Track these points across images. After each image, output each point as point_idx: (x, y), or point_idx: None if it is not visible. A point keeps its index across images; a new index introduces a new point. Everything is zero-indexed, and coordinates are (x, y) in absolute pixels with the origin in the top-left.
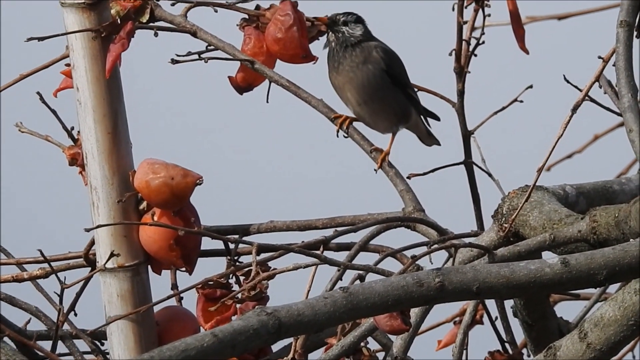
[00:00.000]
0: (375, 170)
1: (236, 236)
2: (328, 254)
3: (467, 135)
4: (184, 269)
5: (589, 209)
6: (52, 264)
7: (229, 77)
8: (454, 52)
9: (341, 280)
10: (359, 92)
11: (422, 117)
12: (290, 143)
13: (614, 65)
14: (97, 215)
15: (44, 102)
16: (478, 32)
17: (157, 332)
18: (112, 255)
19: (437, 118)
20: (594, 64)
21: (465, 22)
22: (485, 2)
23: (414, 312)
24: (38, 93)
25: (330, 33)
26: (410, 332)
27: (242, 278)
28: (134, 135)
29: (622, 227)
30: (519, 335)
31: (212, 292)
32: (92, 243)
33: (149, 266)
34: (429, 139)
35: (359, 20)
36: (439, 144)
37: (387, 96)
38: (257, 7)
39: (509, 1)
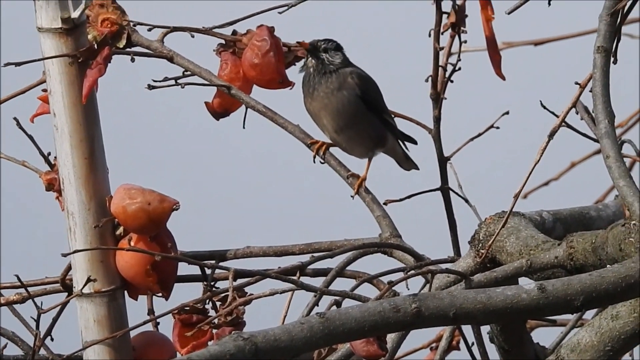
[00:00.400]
0: (352, 196)
1: (213, 262)
2: (305, 279)
3: (443, 161)
4: (160, 294)
5: (566, 235)
6: (29, 289)
7: (206, 103)
8: (430, 79)
9: (318, 305)
10: (334, 118)
11: (399, 141)
12: (267, 169)
13: (590, 91)
14: (74, 241)
15: (20, 127)
16: (454, 58)
17: (134, 358)
18: (88, 280)
19: (414, 142)
20: (570, 90)
21: (442, 48)
22: (462, 28)
23: (391, 338)
24: (15, 119)
25: (310, 59)
26: (386, 358)
27: (218, 303)
28: (111, 161)
29: (599, 253)
30: None
31: (189, 317)
32: (69, 268)
33: (126, 291)
34: (407, 163)
35: (338, 47)
36: (418, 168)
37: (362, 122)
38: (234, 33)
39: (485, 27)
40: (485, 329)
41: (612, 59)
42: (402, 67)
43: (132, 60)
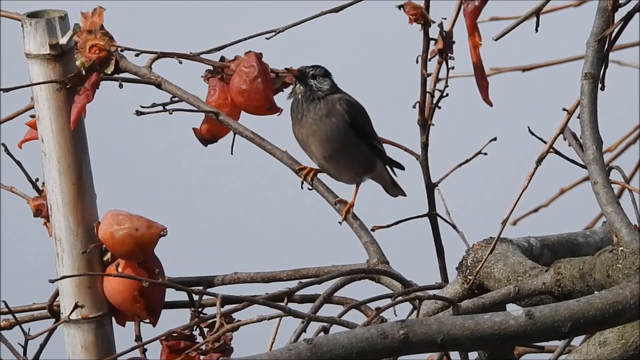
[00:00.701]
0: (340, 222)
1: (200, 288)
2: (292, 305)
3: (431, 187)
4: (148, 320)
5: (554, 261)
6: (16, 315)
7: (194, 129)
8: (417, 105)
9: (305, 332)
10: (323, 144)
11: (387, 167)
12: (254, 194)
13: (578, 117)
14: (62, 267)
15: (8, 153)
16: (442, 84)
17: None
18: (76, 306)
19: (401, 168)
20: (558, 116)
21: (429, 75)
22: (449, 54)
23: None
24: (3, 144)
25: (298, 85)
26: None
27: (206, 330)
28: (99, 187)
29: (586, 279)
30: None
31: (176, 343)
32: (57, 294)
33: (113, 317)
34: (394, 190)
35: (326, 74)
36: (405, 195)
37: (351, 148)
38: (222, 59)
39: (472, 53)
40: (473, 355)
41: (599, 86)
42: (390, 93)
43: (120, 86)
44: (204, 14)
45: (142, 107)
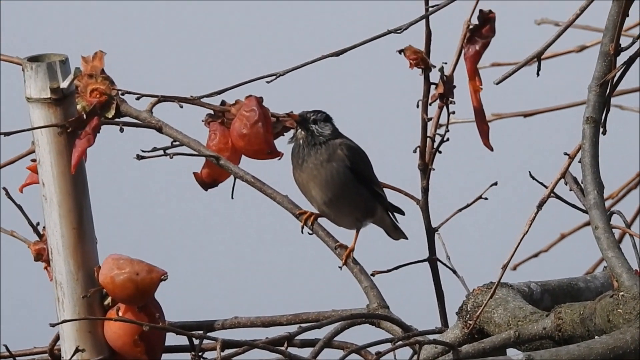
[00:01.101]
0: (340, 267)
1: (201, 332)
2: (292, 350)
3: (431, 231)
4: None
5: (554, 306)
6: (18, 359)
7: (194, 173)
8: (418, 149)
9: None
10: (323, 189)
11: (388, 211)
12: (255, 239)
13: (579, 161)
14: (62, 311)
15: (9, 197)
16: (443, 129)
17: None
18: (77, 350)
19: (401, 212)
20: (559, 161)
21: (430, 119)
22: (450, 99)
23: None
24: (4, 188)
25: (300, 130)
26: None
27: None
28: (99, 231)
29: (587, 324)
30: None
31: None
32: (57, 338)
33: None
34: (395, 233)
35: (327, 118)
36: (406, 238)
37: (351, 193)
38: (223, 103)
39: (473, 98)
40: None
41: (601, 130)
42: (390, 138)
43: (121, 130)
44: (205, 57)
45: (143, 151)
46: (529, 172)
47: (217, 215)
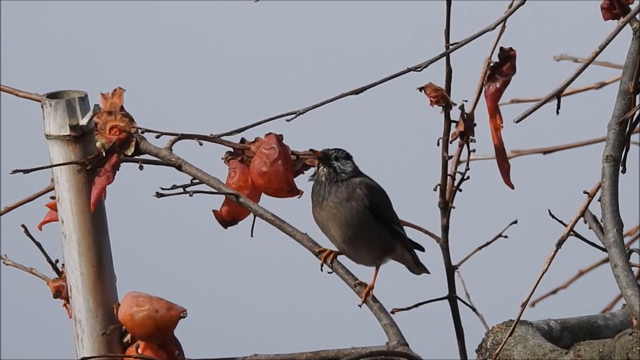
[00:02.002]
0: (359, 305)
1: None
2: None
3: (451, 269)
4: None
5: (574, 343)
6: None
7: (214, 211)
8: (438, 187)
9: None
10: (342, 228)
11: (408, 248)
12: (274, 277)
13: (599, 200)
14: (82, 348)
15: (28, 234)
16: (463, 167)
17: None
18: None
19: (421, 249)
20: (579, 199)
21: (450, 157)
22: (470, 136)
23: None
24: (23, 226)
25: (322, 167)
26: None
27: None
28: (118, 268)
29: None
30: None
31: None
32: None
33: None
34: (417, 269)
35: (348, 156)
36: (428, 272)
37: (370, 232)
38: (242, 141)
39: (494, 135)
40: None
41: (621, 168)
42: (411, 176)
43: (141, 168)
44: (224, 95)
45: (163, 189)
46: (549, 210)
47: (237, 254)
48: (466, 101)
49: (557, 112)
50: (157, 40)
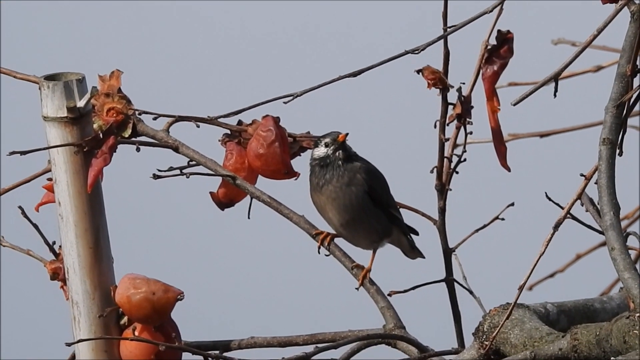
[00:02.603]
0: (356, 288)
1: (217, 352)
2: None
3: (448, 252)
4: None
5: (570, 327)
6: None
7: (211, 193)
8: (435, 170)
9: None
10: (341, 213)
11: (404, 233)
12: (271, 259)
13: (596, 183)
14: (78, 330)
15: (25, 216)
16: (460, 150)
17: None
18: None
19: (415, 233)
20: (576, 182)
21: (447, 140)
22: (467, 119)
23: None
24: (20, 207)
25: (338, 151)
26: None
27: None
28: (116, 250)
29: (603, 345)
30: None
31: None
32: (73, 357)
33: None
34: (412, 253)
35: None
36: (423, 257)
37: (368, 217)
38: (239, 123)
39: (491, 118)
40: None
41: (617, 151)
42: (407, 158)
43: (138, 149)
44: (222, 77)
45: (160, 170)
46: (545, 193)
47: (234, 235)
48: (463, 84)
49: (555, 95)
50: (155, 23)
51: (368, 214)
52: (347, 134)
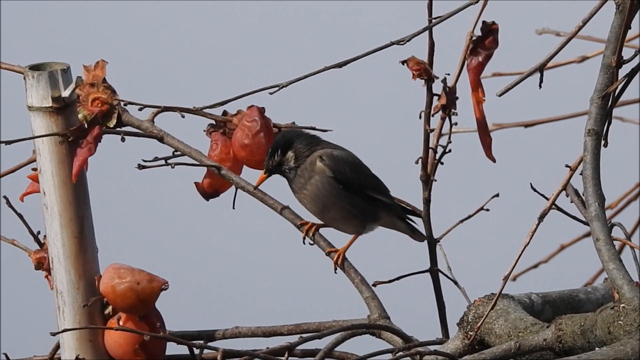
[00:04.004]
0: (335, 271)
1: (201, 341)
2: None
3: (433, 243)
4: None
5: (555, 317)
6: None
7: (196, 183)
8: (420, 160)
9: None
10: (312, 203)
11: (398, 215)
12: (256, 249)
13: (581, 174)
14: (63, 320)
15: (10, 206)
16: (445, 140)
17: None
18: (77, 359)
19: (417, 215)
20: (561, 173)
21: (432, 130)
22: (452, 110)
23: None
24: (5, 197)
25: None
26: None
27: None
28: (100, 240)
29: (587, 335)
30: None
31: None
32: (58, 347)
33: None
34: (415, 236)
35: (287, 145)
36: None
37: (340, 202)
38: (224, 113)
39: (476, 109)
40: None
41: (602, 142)
42: (393, 149)
43: (123, 139)
44: (208, 67)
45: (144, 160)
46: (530, 184)
47: (219, 226)
48: (448, 74)
49: (540, 86)
50: (139, 13)
51: (339, 199)
52: (266, 170)
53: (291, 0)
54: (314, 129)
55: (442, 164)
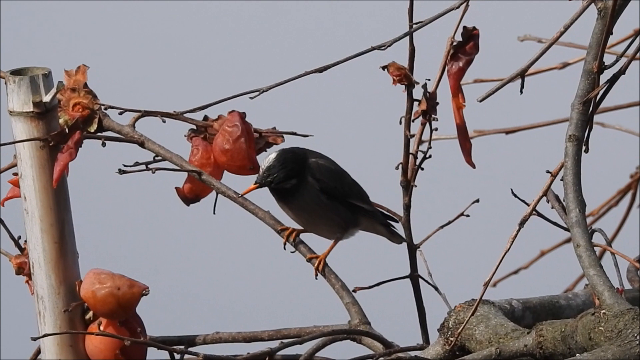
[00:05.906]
0: (316, 277)
1: (182, 347)
2: None
3: (413, 248)
4: None
5: (536, 323)
6: None
7: (176, 188)
8: (400, 166)
9: None
10: (296, 214)
11: (378, 220)
12: (237, 254)
13: (562, 179)
14: (43, 325)
15: None
16: (425, 146)
17: None
18: None
19: (395, 220)
20: (541, 178)
21: (412, 136)
22: (433, 115)
23: None
24: None
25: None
26: None
27: None
28: (81, 245)
29: (568, 342)
30: None
31: None
32: (38, 352)
33: None
34: (394, 238)
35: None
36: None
37: (326, 212)
38: (205, 118)
39: (456, 115)
40: None
41: (583, 148)
42: (373, 154)
43: (103, 144)
44: (188, 72)
45: (125, 165)
46: (511, 189)
47: (199, 231)
48: (429, 80)
49: (521, 92)
50: (121, 18)
51: (325, 209)
52: (258, 185)
53: (272, 4)
54: (294, 134)
55: (422, 169)
